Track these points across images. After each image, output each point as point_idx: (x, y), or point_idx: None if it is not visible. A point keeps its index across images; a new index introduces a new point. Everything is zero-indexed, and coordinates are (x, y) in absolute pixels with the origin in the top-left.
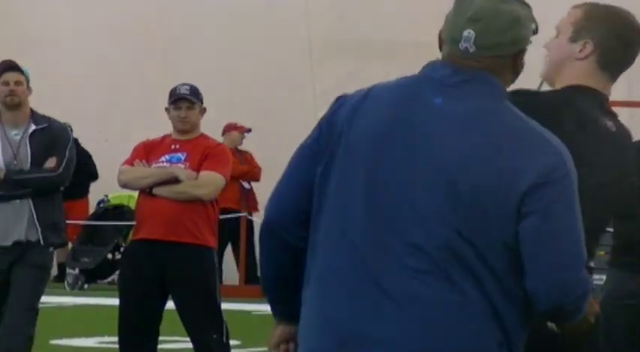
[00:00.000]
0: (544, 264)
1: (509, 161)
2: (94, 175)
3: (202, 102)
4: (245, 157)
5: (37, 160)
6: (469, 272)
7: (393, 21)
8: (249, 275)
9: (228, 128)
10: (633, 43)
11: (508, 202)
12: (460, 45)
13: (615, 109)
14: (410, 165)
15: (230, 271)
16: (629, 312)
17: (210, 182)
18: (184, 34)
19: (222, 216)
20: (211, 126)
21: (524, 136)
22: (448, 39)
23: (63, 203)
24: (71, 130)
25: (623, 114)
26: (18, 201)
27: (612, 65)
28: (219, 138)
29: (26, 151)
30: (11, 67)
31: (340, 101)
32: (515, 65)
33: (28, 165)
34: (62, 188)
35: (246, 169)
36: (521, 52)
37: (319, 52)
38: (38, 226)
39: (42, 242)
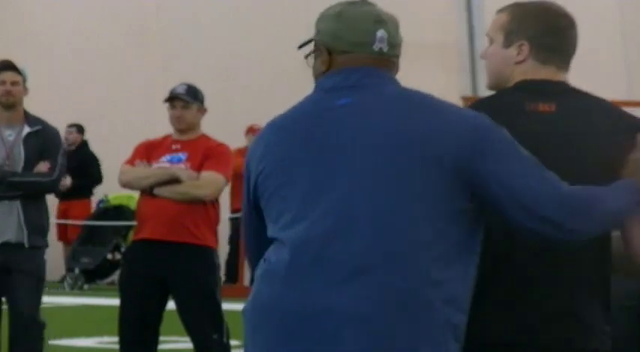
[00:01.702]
0: (519, 188)
1: (435, 125)
2: (98, 180)
3: (202, 103)
4: None
5: (30, 163)
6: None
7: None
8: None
9: (252, 130)
10: (566, 30)
11: (443, 163)
12: (375, 46)
13: None
14: (334, 168)
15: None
16: (629, 313)
17: (211, 182)
18: (184, 34)
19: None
20: (211, 126)
21: (441, 107)
22: (357, 44)
23: (65, 203)
24: (83, 132)
25: None
26: (7, 201)
27: (554, 57)
28: (219, 138)
29: (20, 153)
30: (8, 66)
31: (251, 147)
32: (397, 67)
33: (21, 167)
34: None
35: None
36: (399, 54)
37: None
38: (25, 228)
39: (27, 244)
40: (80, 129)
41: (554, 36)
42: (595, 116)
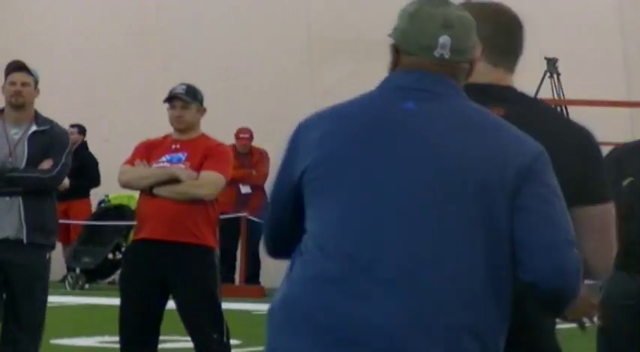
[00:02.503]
0: (541, 246)
1: (490, 151)
2: (96, 182)
3: (202, 103)
4: None
5: (33, 161)
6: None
7: (393, 21)
8: (248, 275)
9: (241, 132)
10: (514, 31)
11: (493, 190)
12: (436, 52)
13: (615, 109)
14: (388, 174)
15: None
16: (628, 313)
17: (210, 182)
18: (184, 34)
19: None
20: (211, 126)
21: (502, 130)
22: (420, 48)
23: (65, 203)
24: (85, 133)
25: (623, 114)
26: (7, 198)
27: (504, 60)
28: (219, 138)
29: (23, 151)
30: (19, 67)
31: (300, 128)
32: (470, 71)
33: (23, 165)
34: (54, 191)
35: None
36: (475, 58)
37: (319, 52)
38: (25, 225)
39: (25, 241)
40: (82, 129)
41: (503, 37)
42: (543, 123)
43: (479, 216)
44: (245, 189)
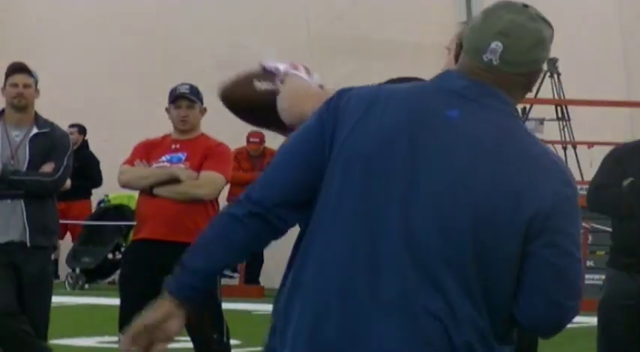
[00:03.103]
0: (549, 296)
1: (519, 185)
2: (97, 182)
3: (202, 103)
4: None
5: (35, 163)
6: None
7: (393, 21)
8: (248, 276)
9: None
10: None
11: (513, 226)
12: (485, 56)
13: (615, 109)
14: (412, 178)
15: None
16: (628, 312)
17: (210, 182)
18: (184, 34)
19: None
20: (211, 126)
21: (538, 161)
22: (471, 49)
23: (65, 203)
24: (85, 133)
25: (623, 114)
26: (9, 200)
27: None
28: (219, 138)
29: (25, 153)
30: (21, 68)
31: (347, 94)
32: (528, 84)
33: (25, 167)
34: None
35: None
36: (537, 72)
37: (319, 52)
38: (27, 227)
39: (29, 244)
40: (82, 129)
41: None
42: None
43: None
44: None
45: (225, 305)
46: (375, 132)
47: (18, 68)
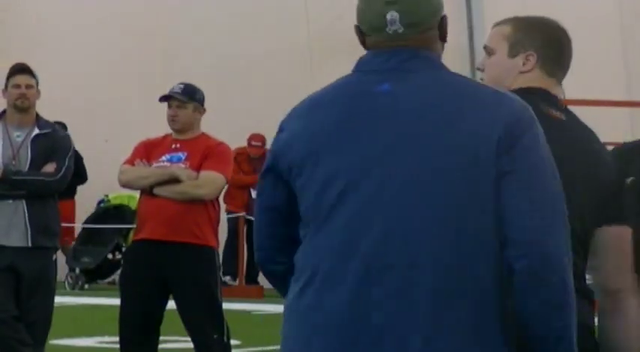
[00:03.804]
0: (526, 226)
1: (475, 122)
2: (83, 178)
3: (201, 103)
4: None
5: (36, 164)
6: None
7: None
8: (248, 276)
9: (254, 138)
10: (565, 45)
11: (482, 162)
12: (388, 29)
13: (615, 109)
14: (373, 157)
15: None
16: None
17: (210, 182)
18: (184, 34)
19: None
20: (211, 126)
21: (483, 96)
22: (371, 28)
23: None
24: (66, 130)
25: (623, 114)
26: (11, 201)
27: (558, 70)
28: (219, 138)
29: (26, 154)
30: (23, 69)
31: (281, 126)
32: (442, 34)
33: (26, 168)
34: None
35: None
36: (443, 19)
37: (319, 52)
38: (29, 228)
39: (30, 244)
40: (63, 127)
41: (558, 49)
42: (589, 141)
43: (466, 193)
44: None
45: (225, 306)
46: (320, 138)
47: (20, 69)
